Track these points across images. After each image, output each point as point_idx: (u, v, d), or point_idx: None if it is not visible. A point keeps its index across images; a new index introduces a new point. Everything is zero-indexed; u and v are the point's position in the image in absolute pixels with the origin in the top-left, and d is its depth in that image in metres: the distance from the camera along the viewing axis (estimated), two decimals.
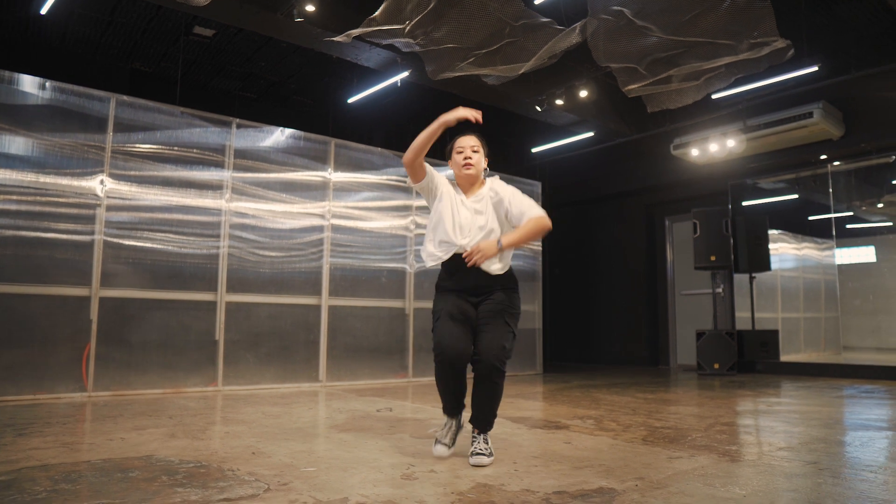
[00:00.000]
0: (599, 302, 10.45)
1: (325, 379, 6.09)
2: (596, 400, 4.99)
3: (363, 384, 6.25)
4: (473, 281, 2.70)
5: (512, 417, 3.95)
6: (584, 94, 7.50)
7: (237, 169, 5.75)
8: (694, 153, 8.07)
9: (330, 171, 6.34)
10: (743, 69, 4.89)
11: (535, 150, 9.62)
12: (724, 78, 5.04)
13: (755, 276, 8.47)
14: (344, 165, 6.46)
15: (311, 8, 5.59)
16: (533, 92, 7.49)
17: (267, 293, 5.83)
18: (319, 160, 6.30)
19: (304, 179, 6.19)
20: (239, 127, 5.81)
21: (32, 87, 4.83)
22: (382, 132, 9.58)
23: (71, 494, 2.06)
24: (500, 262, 2.71)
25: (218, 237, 5.59)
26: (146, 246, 5.22)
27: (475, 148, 2.80)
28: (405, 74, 6.65)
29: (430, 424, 3.66)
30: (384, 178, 6.77)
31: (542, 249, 8.42)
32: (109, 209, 5.06)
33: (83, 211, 4.96)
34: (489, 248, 2.59)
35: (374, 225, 6.63)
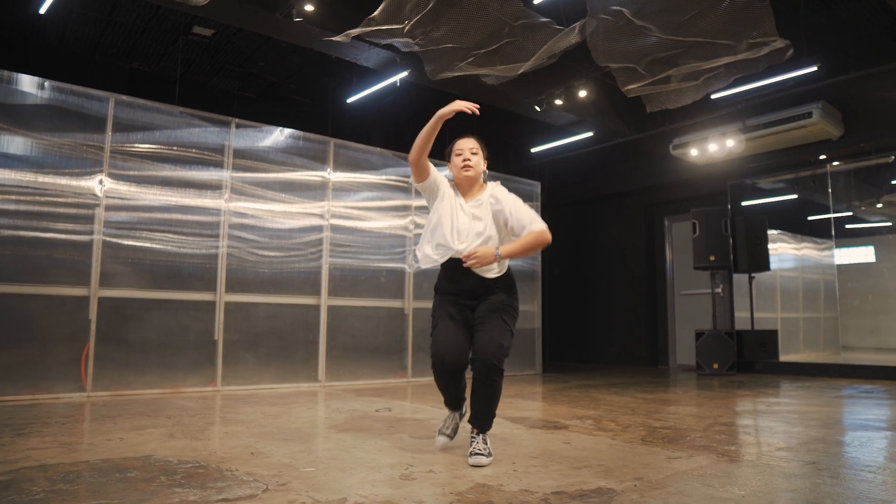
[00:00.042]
0: (599, 302, 10.45)
1: (324, 379, 6.09)
2: (595, 400, 4.99)
3: (362, 384, 6.25)
4: (471, 285, 2.73)
5: (511, 417, 3.95)
6: (583, 94, 7.50)
7: (236, 169, 5.75)
8: (693, 153, 8.07)
9: (329, 170, 6.34)
10: (742, 69, 4.89)
11: (534, 150, 9.63)
12: (723, 78, 5.04)
13: (754, 276, 8.47)
14: (343, 165, 6.46)
15: (310, 8, 5.59)
16: (532, 92, 7.49)
17: (266, 293, 5.82)
18: (318, 160, 6.30)
19: (303, 179, 6.19)
20: (238, 127, 5.81)
21: (31, 86, 4.83)
22: (381, 132, 9.58)
23: (69, 495, 2.06)
24: (497, 266, 2.73)
25: (217, 237, 5.59)
26: (145, 246, 5.22)
27: (474, 150, 2.80)
28: (404, 74, 6.65)
29: (429, 424, 3.66)
30: (383, 177, 6.77)
31: (541, 249, 8.41)
32: (108, 209, 5.06)
33: (82, 211, 4.96)
34: (487, 255, 2.60)
35: (373, 225, 6.63)
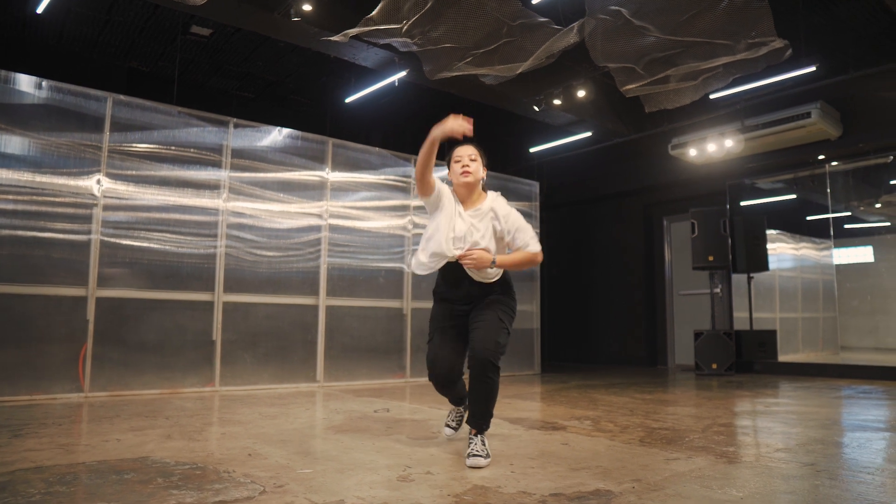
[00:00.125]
0: (597, 302, 10.45)
1: (322, 379, 6.08)
2: (594, 400, 4.98)
3: (361, 384, 6.24)
4: (467, 289, 2.80)
5: (509, 418, 3.95)
6: (581, 93, 7.49)
7: (234, 168, 5.74)
8: (692, 153, 8.07)
9: (327, 170, 6.33)
10: (741, 69, 4.89)
11: (533, 149, 9.62)
12: (721, 78, 5.03)
13: (753, 276, 8.47)
14: (341, 165, 6.45)
15: (308, 7, 5.58)
16: (531, 92, 7.49)
17: (264, 293, 5.81)
18: (317, 160, 6.29)
19: (301, 179, 6.18)
20: (236, 126, 5.80)
21: (29, 86, 4.82)
22: (380, 132, 9.57)
23: (65, 497, 2.05)
24: (492, 272, 2.79)
25: (215, 237, 5.58)
26: (143, 246, 5.21)
27: (473, 157, 2.83)
28: (403, 74, 6.64)
29: (427, 425, 3.66)
30: (382, 177, 6.76)
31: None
32: (106, 209, 5.05)
33: (80, 210, 4.95)
34: (484, 259, 2.68)
35: (371, 225, 6.62)
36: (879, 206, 8.74)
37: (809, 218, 9.10)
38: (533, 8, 4.89)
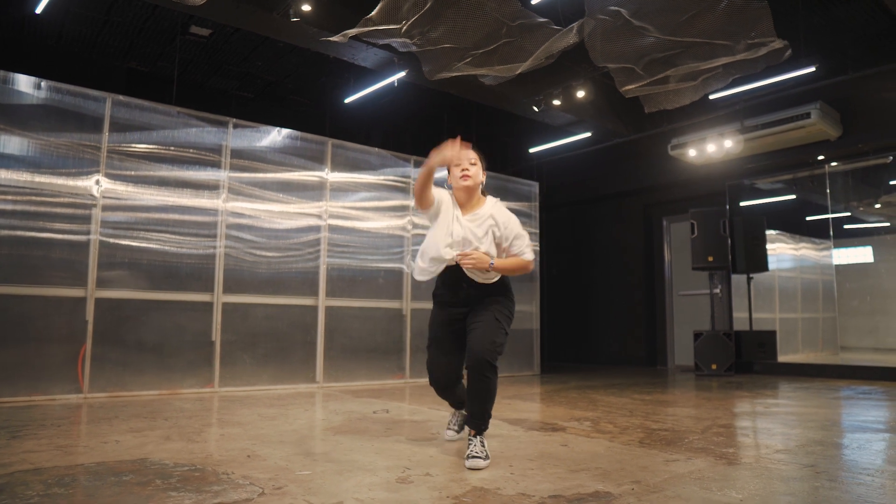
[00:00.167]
0: (597, 302, 10.44)
1: (321, 380, 6.07)
2: (593, 401, 4.98)
3: (360, 385, 6.24)
4: (465, 291, 2.83)
5: (509, 419, 3.94)
6: (581, 94, 7.49)
7: (234, 169, 5.73)
8: (691, 153, 8.07)
9: (327, 171, 6.32)
10: (740, 69, 4.88)
11: (532, 150, 9.62)
12: (721, 78, 5.03)
13: (753, 276, 8.47)
14: (341, 165, 6.45)
15: (307, 8, 5.58)
16: (530, 92, 7.48)
17: (264, 294, 5.81)
18: (316, 160, 6.28)
19: (300, 179, 6.17)
20: (235, 127, 5.79)
21: (28, 86, 4.81)
22: (380, 132, 9.57)
23: (63, 499, 2.05)
24: (489, 274, 2.81)
25: (214, 237, 5.57)
26: (142, 246, 5.20)
27: (472, 161, 2.86)
28: (402, 74, 6.64)
29: (426, 426, 3.65)
30: (381, 178, 6.76)
31: (539, 249, 8.42)
32: (105, 209, 5.04)
33: (79, 211, 4.94)
34: (482, 260, 2.72)
35: (371, 225, 6.61)
36: (879, 206, 8.74)
37: (809, 218, 9.10)
38: (532, 8, 4.89)
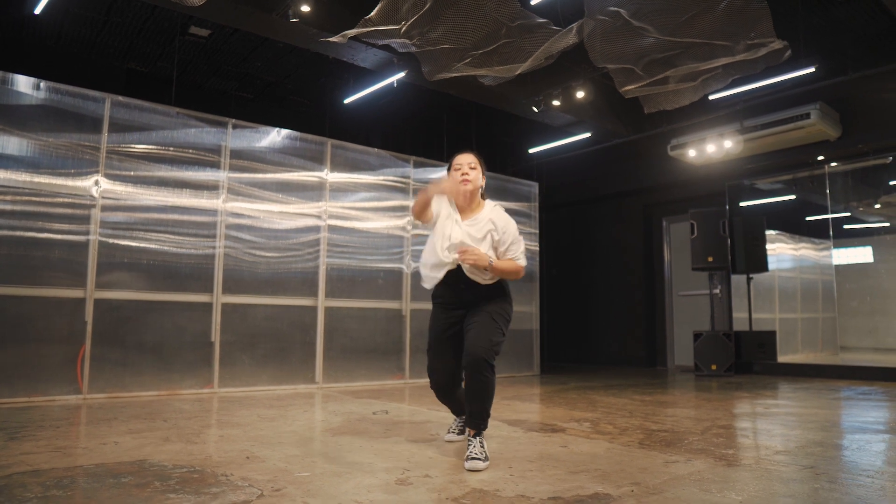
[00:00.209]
0: (597, 302, 10.44)
1: (321, 381, 6.07)
2: (593, 402, 4.98)
3: (359, 386, 6.23)
4: (464, 291, 2.85)
5: (508, 420, 3.94)
6: (580, 94, 7.48)
7: (233, 169, 5.73)
8: (691, 154, 8.07)
9: (326, 171, 6.32)
10: (740, 70, 4.88)
11: (532, 150, 9.61)
12: (720, 79, 5.02)
13: (752, 276, 8.47)
14: (340, 166, 6.44)
15: (306, 8, 5.57)
16: (530, 92, 7.48)
17: (263, 294, 5.80)
18: (316, 161, 6.28)
19: (300, 180, 6.17)
20: (235, 127, 5.79)
21: (27, 87, 4.81)
22: (379, 133, 9.56)
23: (61, 501, 2.04)
24: (488, 274, 2.82)
25: (214, 238, 5.57)
26: (141, 247, 5.20)
27: (472, 165, 2.90)
28: (401, 75, 6.63)
29: (426, 427, 3.65)
30: (381, 178, 6.75)
31: (539, 250, 8.42)
32: (104, 210, 5.04)
33: (78, 211, 4.94)
34: (482, 258, 2.73)
35: (370, 225, 6.61)
36: (878, 206, 8.74)
37: (809, 218, 9.10)
38: (532, 9, 4.89)
